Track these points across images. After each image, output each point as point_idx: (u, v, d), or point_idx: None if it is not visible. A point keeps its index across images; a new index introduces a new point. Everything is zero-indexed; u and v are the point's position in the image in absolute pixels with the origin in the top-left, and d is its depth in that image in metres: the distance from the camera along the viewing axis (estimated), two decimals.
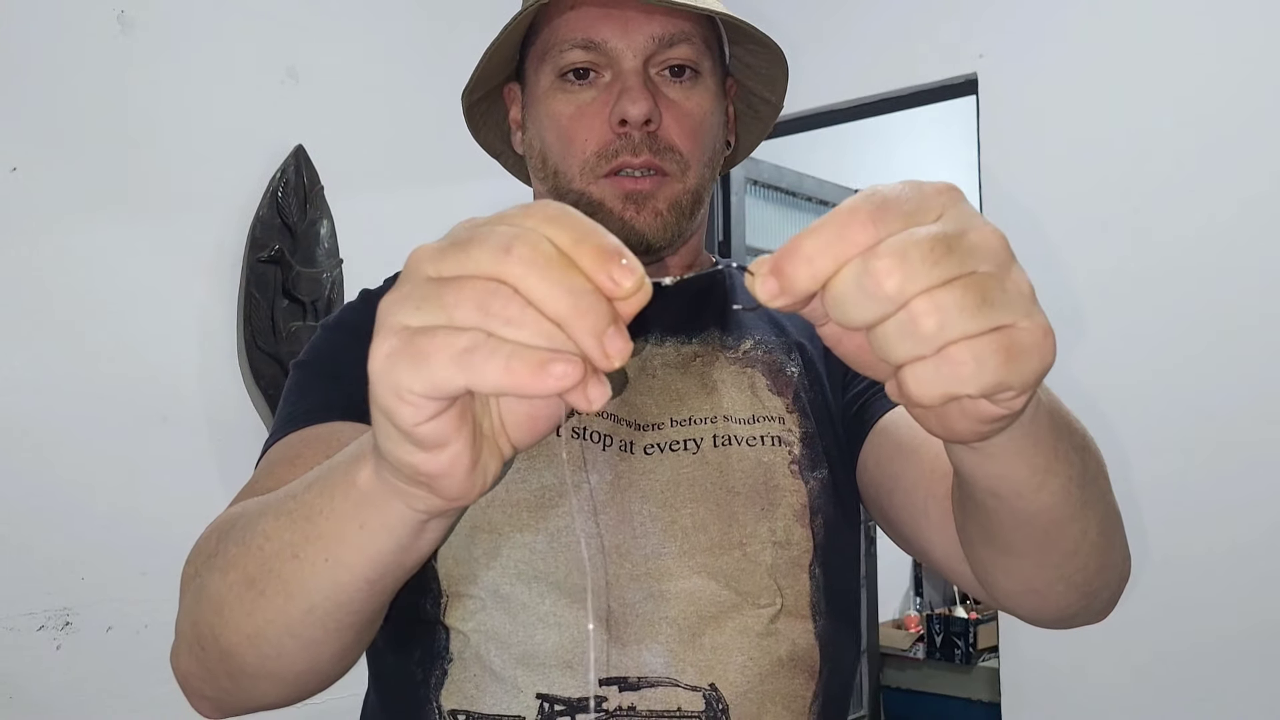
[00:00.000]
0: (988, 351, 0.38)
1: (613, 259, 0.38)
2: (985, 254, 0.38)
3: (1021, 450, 0.51)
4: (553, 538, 0.72)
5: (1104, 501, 0.60)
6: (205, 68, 1.86)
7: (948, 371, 0.38)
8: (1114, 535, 0.63)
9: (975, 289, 0.38)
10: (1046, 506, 0.55)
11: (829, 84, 2.47)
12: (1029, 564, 0.61)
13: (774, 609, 0.74)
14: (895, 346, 0.38)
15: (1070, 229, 2.18)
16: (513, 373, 0.37)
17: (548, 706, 0.70)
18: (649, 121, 0.77)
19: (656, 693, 0.70)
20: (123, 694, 1.65)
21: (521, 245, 0.37)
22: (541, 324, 0.37)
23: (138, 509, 1.70)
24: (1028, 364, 0.39)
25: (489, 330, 0.37)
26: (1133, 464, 2.07)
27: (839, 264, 0.38)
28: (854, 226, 0.38)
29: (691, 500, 0.75)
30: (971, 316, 0.37)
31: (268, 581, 0.54)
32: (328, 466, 0.53)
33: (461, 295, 0.38)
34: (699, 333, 0.83)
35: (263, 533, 0.55)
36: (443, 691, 0.72)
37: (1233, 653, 1.95)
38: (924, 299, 0.37)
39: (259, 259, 1.88)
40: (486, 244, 0.38)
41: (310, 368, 0.81)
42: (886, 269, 0.37)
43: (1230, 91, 2.03)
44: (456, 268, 0.38)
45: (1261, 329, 1.98)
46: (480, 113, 0.92)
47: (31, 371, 1.61)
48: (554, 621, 0.71)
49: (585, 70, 0.79)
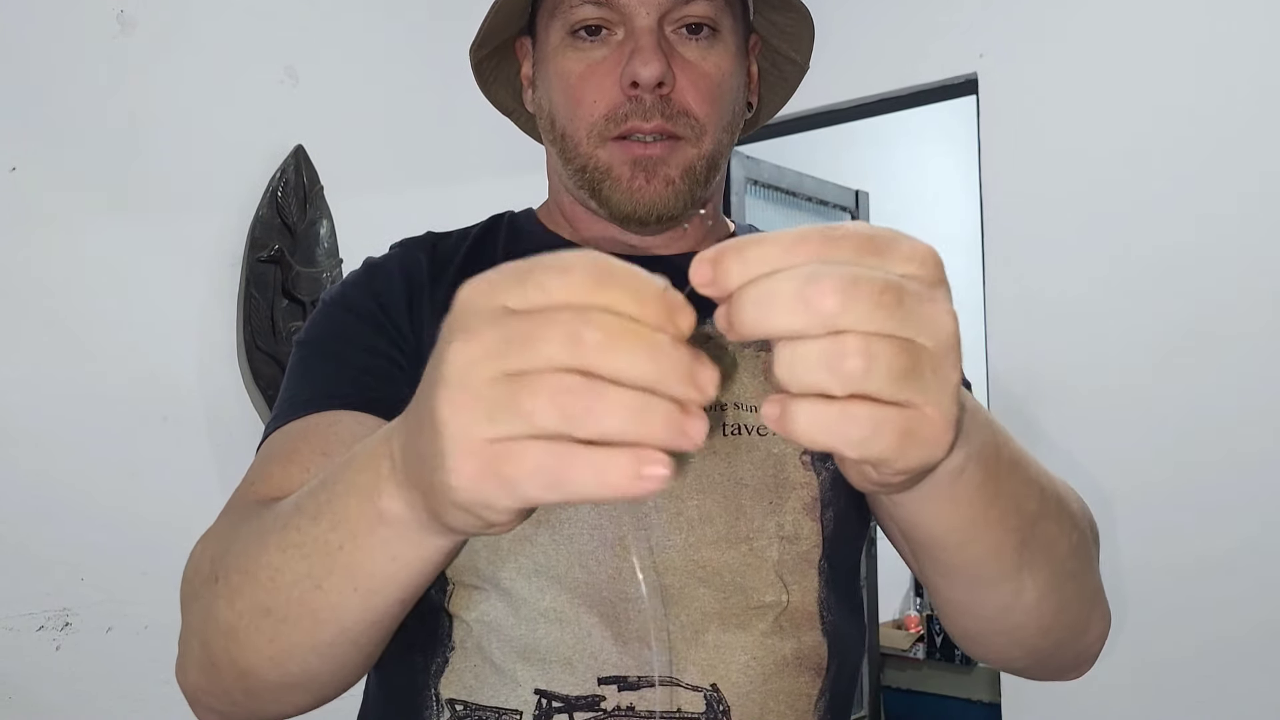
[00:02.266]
0: (888, 423, 0.37)
1: (676, 306, 0.36)
2: (934, 331, 0.38)
3: (932, 511, 0.50)
4: (555, 530, 0.70)
5: (1056, 569, 0.59)
6: (205, 67, 1.86)
7: (842, 425, 0.37)
8: (1066, 603, 0.62)
9: (909, 356, 0.37)
10: (970, 562, 0.55)
11: (829, 84, 2.47)
12: (962, 608, 0.62)
13: (780, 607, 0.71)
14: (807, 370, 0.37)
15: (1070, 228, 2.18)
16: (607, 485, 0.35)
17: (545, 702, 0.68)
18: (662, 84, 0.73)
19: (656, 692, 0.68)
20: (123, 694, 1.65)
21: (591, 329, 0.35)
22: (625, 401, 0.35)
23: (138, 509, 1.69)
24: (918, 450, 0.38)
25: (572, 433, 0.35)
26: (1132, 465, 2.07)
27: (772, 270, 0.37)
28: (803, 246, 0.37)
29: (699, 491, 0.72)
30: (893, 381, 0.37)
31: (289, 609, 0.53)
32: (329, 494, 0.51)
33: (538, 398, 0.35)
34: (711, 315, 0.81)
35: (269, 565, 0.54)
36: (442, 680, 0.71)
37: (1231, 655, 1.95)
38: (859, 338, 0.36)
39: (259, 259, 1.88)
40: (553, 337, 0.35)
41: (312, 347, 0.78)
42: (832, 287, 0.36)
43: (1230, 91, 2.03)
44: (525, 362, 0.36)
45: (1263, 330, 1.98)
46: (490, 67, 0.87)
47: (31, 371, 1.61)
48: (555, 617, 0.69)
49: (597, 27, 0.75)
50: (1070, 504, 0.62)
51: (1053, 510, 0.58)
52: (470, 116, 1.04)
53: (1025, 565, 0.56)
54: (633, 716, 0.68)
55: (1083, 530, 0.62)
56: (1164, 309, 2.07)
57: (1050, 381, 2.18)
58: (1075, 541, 0.60)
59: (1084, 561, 0.62)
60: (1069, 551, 0.60)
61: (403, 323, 0.77)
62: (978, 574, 0.56)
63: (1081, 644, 0.67)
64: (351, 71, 2.09)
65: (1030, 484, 0.55)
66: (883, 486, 0.45)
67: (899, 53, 2.43)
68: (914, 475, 0.43)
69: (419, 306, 0.78)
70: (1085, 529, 0.63)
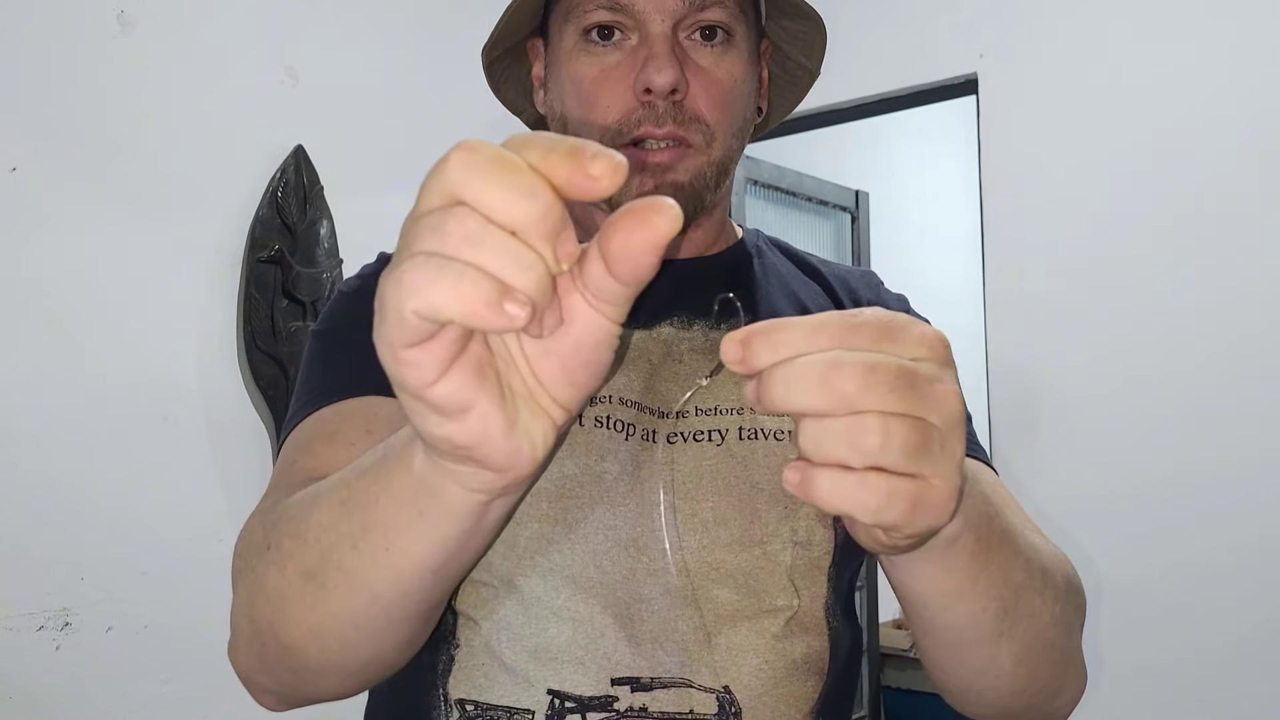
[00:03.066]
0: (901, 493, 0.41)
1: (581, 154, 0.36)
2: (943, 411, 0.42)
3: (927, 574, 0.54)
4: (570, 529, 0.70)
5: (1033, 637, 0.61)
6: (205, 67, 1.86)
7: (860, 494, 0.41)
8: (1039, 669, 0.64)
9: (921, 434, 0.41)
10: (952, 625, 0.58)
11: (829, 84, 2.45)
12: (941, 665, 0.64)
13: (790, 611, 0.71)
14: (829, 443, 0.41)
15: (1070, 228, 2.18)
16: (462, 299, 0.36)
17: (558, 703, 0.68)
18: (675, 90, 0.74)
19: (669, 694, 0.68)
20: (123, 694, 1.65)
21: (476, 159, 0.36)
22: (502, 240, 0.36)
23: (138, 509, 1.69)
24: (925, 517, 0.43)
25: (446, 254, 0.36)
26: (1132, 466, 2.07)
27: (797, 354, 0.41)
28: (824, 332, 0.41)
29: (714, 494, 0.72)
30: (906, 456, 0.41)
31: (328, 574, 0.54)
32: (381, 453, 0.52)
33: (419, 227, 0.37)
34: (729, 318, 0.79)
35: (318, 524, 0.54)
36: (450, 679, 0.71)
37: (1233, 657, 1.95)
38: (878, 417, 0.40)
39: (259, 259, 1.88)
40: (445, 169, 0.37)
41: (332, 337, 0.77)
42: (851, 374, 0.40)
43: (1230, 90, 2.03)
44: (424, 203, 0.38)
45: (1265, 330, 1.98)
46: (501, 67, 0.87)
47: (31, 371, 1.61)
48: (568, 616, 0.69)
49: (610, 30, 0.76)
50: (1055, 576, 0.64)
51: (1037, 583, 0.60)
52: (471, 116, 1.04)
53: (1004, 633, 0.59)
54: (645, 717, 0.68)
55: (1065, 602, 0.64)
56: (1164, 309, 2.07)
57: (1050, 381, 2.18)
58: (1057, 613, 0.62)
59: (1062, 631, 0.64)
60: (1049, 622, 0.62)
61: None
62: (958, 636, 0.59)
63: (1052, 706, 0.69)
64: (351, 71, 2.09)
65: (1018, 556, 0.58)
66: (890, 549, 0.48)
67: (899, 53, 2.43)
68: (920, 539, 0.47)
69: None
70: (1068, 599, 0.65)
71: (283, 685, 0.62)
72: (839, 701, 0.76)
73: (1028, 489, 2.19)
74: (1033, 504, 2.13)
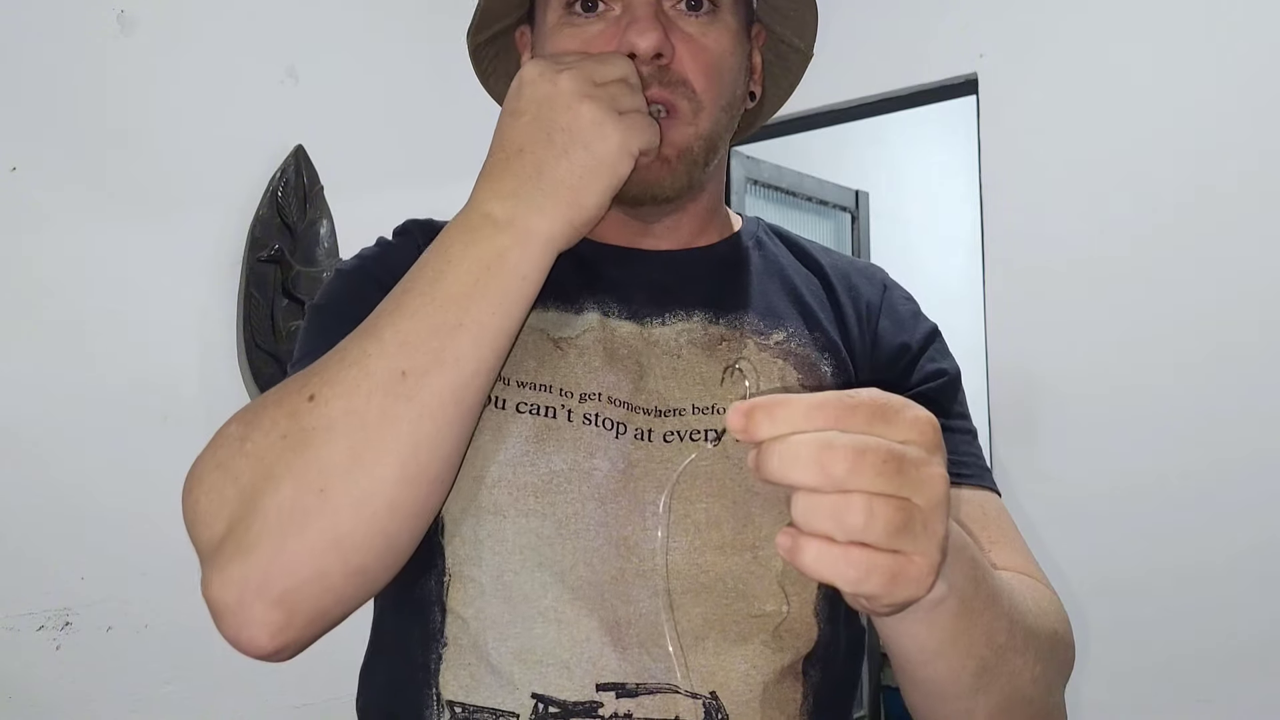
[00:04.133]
0: (880, 569, 0.44)
1: None
2: (927, 493, 0.45)
3: (911, 631, 0.56)
4: (560, 525, 0.69)
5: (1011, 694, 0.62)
6: (205, 67, 1.86)
7: (841, 566, 0.44)
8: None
9: (904, 514, 0.44)
10: (932, 678, 0.60)
11: (829, 84, 2.47)
12: (920, 709, 0.65)
13: (780, 617, 0.70)
14: (817, 518, 0.44)
15: (1071, 228, 2.18)
16: None
17: (542, 708, 0.67)
18: (660, 55, 0.72)
19: (655, 700, 0.67)
20: (123, 694, 1.65)
21: None
22: None
23: (138, 509, 1.69)
24: (903, 590, 0.45)
25: None
26: (1132, 466, 2.07)
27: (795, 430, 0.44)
28: (822, 412, 0.44)
29: (708, 495, 0.71)
30: (889, 534, 0.44)
31: (429, 360, 0.62)
32: (437, 264, 0.65)
33: None
34: (727, 313, 0.78)
35: (398, 333, 0.63)
36: (440, 679, 0.70)
37: (1234, 658, 1.95)
38: (863, 498, 0.43)
39: (259, 259, 1.88)
40: None
41: (328, 311, 0.77)
42: (842, 455, 0.43)
43: (1232, 89, 2.03)
44: None
45: (1266, 330, 1.97)
46: (489, 58, 0.87)
47: (31, 371, 1.61)
48: (554, 617, 0.68)
49: (594, 3, 0.75)
50: (1040, 635, 0.65)
51: (1019, 643, 0.61)
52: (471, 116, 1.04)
53: (982, 689, 0.60)
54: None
55: (1047, 661, 0.65)
56: (1164, 308, 2.07)
57: (1050, 381, 2.18)
58: (1037, 673, 0.63)
59: (1042, 689, 0.65)
60: (1028, 680, 0.63)
61: None
62: (939, 689, 0.61)
63: None
64: (351, 71, 2.09)
65: (1002, 618, 0.59)
66: (871, 612, 0.52)
67: (899, 53, 2.43)
68: (898, 608, 0.49)
69: None
70: (1051, 658, 0.66)
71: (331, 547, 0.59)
72: (837, 703, 0.75)
73: (1027, 489, 2.19)
74: (1032, 504, 2.14)
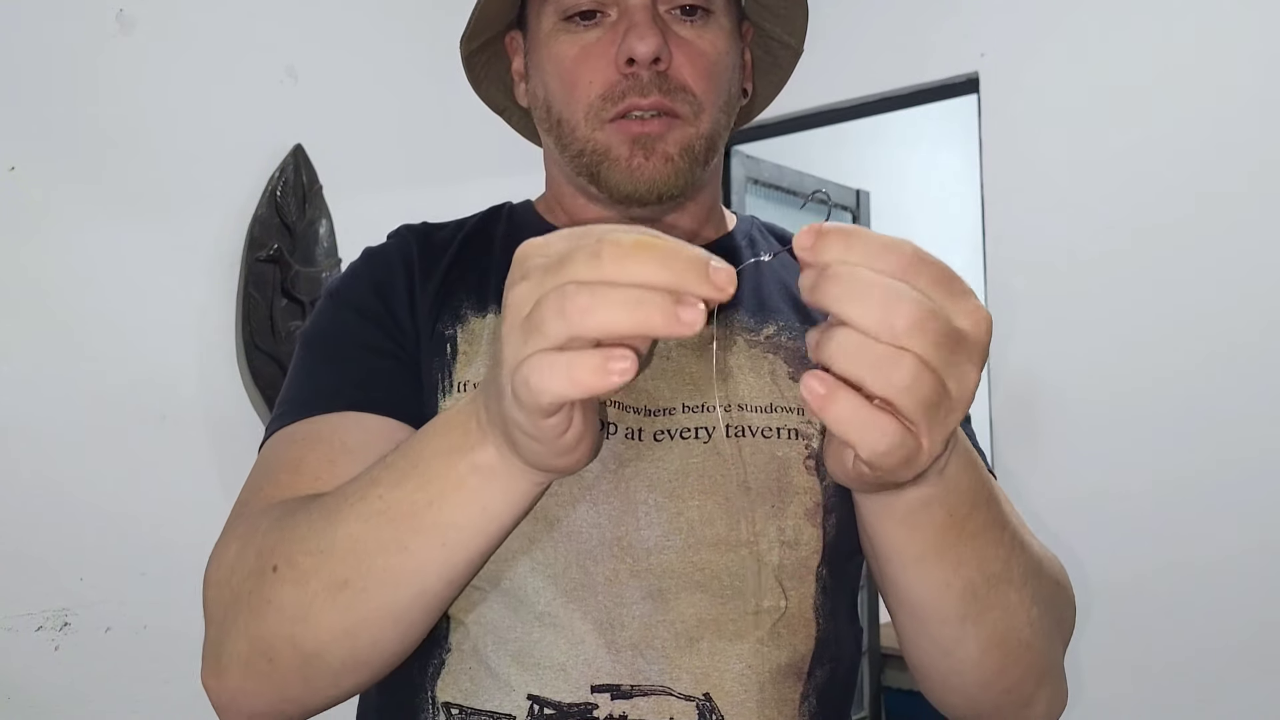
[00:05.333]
0: (897, 441, 0.43)
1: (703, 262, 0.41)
2: (963, 384, 0.45)
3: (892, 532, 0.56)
4: (552, 527, 0.69)
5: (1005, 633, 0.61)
6: (204, 67, 1.85)
7: (871, 428, 0.43)
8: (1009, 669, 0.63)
9: (938, 394, 0.43)
10: (913, 591, 0.59)
11: (830, 83, 2.46)
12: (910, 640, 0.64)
13: (778, 613, 0.70)
14: (861, 361, 0.42)
15: (1071, 227, 2.18)
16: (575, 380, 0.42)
17: (538, 709, 0.67)
18: (658, 60, 0.73)
19: (649, 701, 0.67)
20: (122, 695, 1.65)
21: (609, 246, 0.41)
22: (619, 298, 0.41)
23: (137, 509, 1.69)
24: (908, 468, 0.46)
25: (577, 334, 0.41)
26: (1133, 466, 2.07)
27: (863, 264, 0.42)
28: (894, 254, 0.42)
29: (700, 492, 0.71)
30: (919, 407, 0.43)
31: (368, 578, 0.57)
32: (412, 462, 0.56)
33: (546, 309, 0.42)
34: (719, 311, 0.79)
35: (349, 536, 0.57)
36: (439, 682, 0.70)
37: (1235, 658, 1.94)
38: (915, 361, 0.42)
39: (258, 258, 1.87)
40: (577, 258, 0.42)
41: (315, 346, 0.78)
42: (910, 311, 0.41)
43: (1231, 89, 2.03)
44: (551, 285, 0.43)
45: (1266, 330, 1.97)
46: (481, 64, 0.87)
47: (30, 371, 1.61)
48: (550, 621, 0.68)
49: (591, 11, 0.75)
50: (1044, 582, 0.64)
51: (1017, 581, 0.61)
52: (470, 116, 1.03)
53: (969, 617, 0.59)
54: None
55: (1047, 608, 0.64)
56: (1166, 308, 2.06)
57: (1051, 381, 2.18)
58: (1035, 616, 0.62)
59: (1040, 636, 0.64)
60: (1025, 621, 0.62)
61: (403, 313, 0.77)
62: (922, 605, 0.60)
63: (1023, 716, 0.68)
64: (351, 71, 2.08)
65: (1000, 547, 0.59)
66: (856, 479, 0.50)
67: (900, 52, 2.43)
68: (883, 483, 0.49)
69: (415, 294, 0.78)
70: (1051, 607, 0.65)
71: (284, 701, 0.62)
72: (837, 701, 0.75)
73: (1028, 488, 2.18)
74: (1033, 503, 2.13)
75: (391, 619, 0.58)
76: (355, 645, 0.59)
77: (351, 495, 0.59)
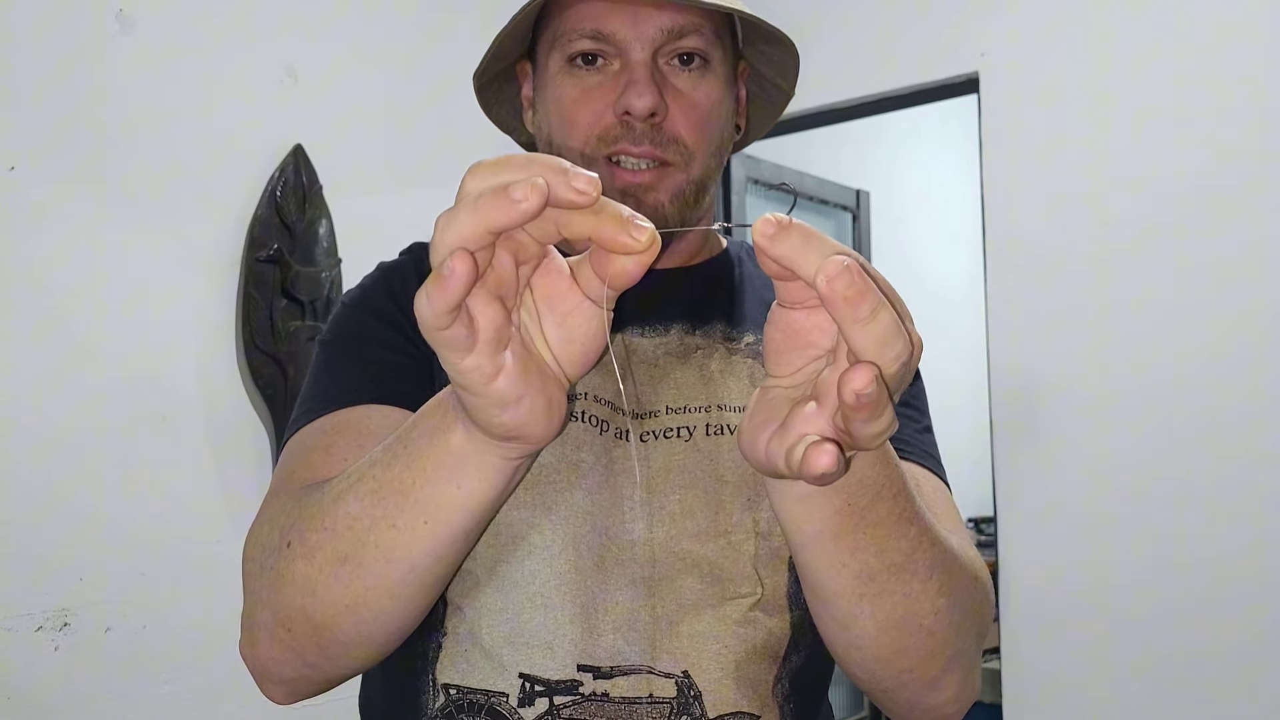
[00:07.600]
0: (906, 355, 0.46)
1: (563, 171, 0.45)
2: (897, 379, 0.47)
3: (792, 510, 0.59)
4: (549, 511, 0.74)
5: (902, 617, 0.63)
6: (204, 67, 1.85)
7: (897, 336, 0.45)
8: (908, 650, 0.65)
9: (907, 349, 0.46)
10: (810, 567, 0.62)
11: (829, 83, 2.47)
12: (813, 608, 0.67)
13: (754, 598, 0.75)
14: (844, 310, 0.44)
15: (1072, 227, 2.18)
16: (480, 210, 0.44)
17: (528, 685, 0.72)
18: (654, 114, 0.77)
19: (630, 680, 0.72)
20: (121, 695, 1.65)
21: None
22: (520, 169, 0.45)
23: (136, 509, 1.69)
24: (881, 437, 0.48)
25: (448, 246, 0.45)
26: (1133, 465, 2.07)
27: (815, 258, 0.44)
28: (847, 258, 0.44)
29: (681, 487, 0.76)
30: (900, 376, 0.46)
31: (365, 553, 0.61)
32: (403, 443, 0.60)
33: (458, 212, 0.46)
34: (704, 325, 0.84)
35: (347, 514, 0.61)
36: (438, 665, 0.75)
37: (1235, 655, 1.95)
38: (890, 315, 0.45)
39: (258, 258, 1.87)
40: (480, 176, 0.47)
41: (335, 347, 0.83)
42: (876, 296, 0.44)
43: (1231, 89, 2.03)
44: None
45: (1267, 330, 1.97)
46: (493, 87, 0.92)
47: (30, 371, 1.61)
48: (541, 602, 0.73)
49: (594, 56, 0.80)
50: (959, 582, 0.66)
51: (922, 572, 0.62)
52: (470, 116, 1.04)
53: (866, 597, 0.62)
54: (606, 701, 0.72)
55: (954, 600, 0.66)
56: (1165, 308, 2.07)
57: (1051, 381, 2.18)
58: (941, 606, 0.64)
59: (946, 628, 0.65)
60: (929, 611, 0.64)
61: None
62: (816, 584, 0.63)
63: (929, 698, 0.70)
64: (351, 71, 2.08)
65: (905, 542, 0.61)
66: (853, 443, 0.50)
67: (900, 52, 2.43)
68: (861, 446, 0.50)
69: None
70: (960, 601, 0.66)
71: (307, 668, 0.67)
72: (811, 688, 0.80)
73: (1028, 488, 2.18)
74: (1033, 502, 2.13)
75: (388, 594, 0.62)
76: (359, 618, 0.63)
77: (353, 475, 0.63)
